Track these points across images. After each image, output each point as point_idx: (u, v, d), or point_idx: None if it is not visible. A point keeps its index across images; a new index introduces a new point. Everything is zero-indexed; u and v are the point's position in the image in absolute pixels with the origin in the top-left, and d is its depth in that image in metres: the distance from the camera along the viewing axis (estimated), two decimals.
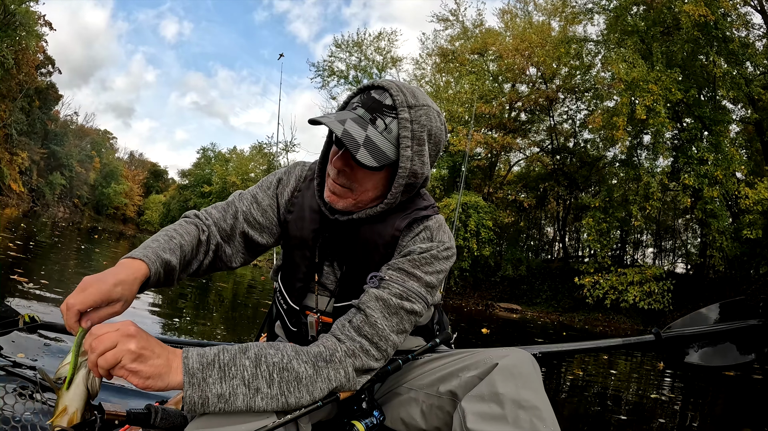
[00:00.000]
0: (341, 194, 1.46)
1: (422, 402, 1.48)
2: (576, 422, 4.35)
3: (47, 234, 17.75)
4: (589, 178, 26.68)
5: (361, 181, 1.44)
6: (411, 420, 1.50)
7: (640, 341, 2.12)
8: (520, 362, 1.30)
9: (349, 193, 1.46)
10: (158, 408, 1.54)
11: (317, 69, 34.46)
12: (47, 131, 61.58)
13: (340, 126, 1.34)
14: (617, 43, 19.95)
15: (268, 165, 50.19)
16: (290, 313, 1.69)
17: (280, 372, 1.21)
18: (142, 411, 1.52)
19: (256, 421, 1.20)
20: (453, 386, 1.39)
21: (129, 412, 1.49)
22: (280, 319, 1.79)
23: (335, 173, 1.44)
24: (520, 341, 10.86)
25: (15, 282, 5.83)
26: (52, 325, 2.12)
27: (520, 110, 28.93)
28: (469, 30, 29.13)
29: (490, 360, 1.33)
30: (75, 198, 75.37)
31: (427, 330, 1.75)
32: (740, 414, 5.26)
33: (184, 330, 6.51)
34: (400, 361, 1.49)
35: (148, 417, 1.51)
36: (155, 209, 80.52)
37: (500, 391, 1.23)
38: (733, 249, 18.24)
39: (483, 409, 1.24)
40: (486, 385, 1.28)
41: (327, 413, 1.56)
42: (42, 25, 42.57)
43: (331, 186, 1.47)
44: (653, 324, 19.29)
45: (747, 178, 17.73)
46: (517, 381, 1.25)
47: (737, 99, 18.94)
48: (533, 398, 1.22)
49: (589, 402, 5.39)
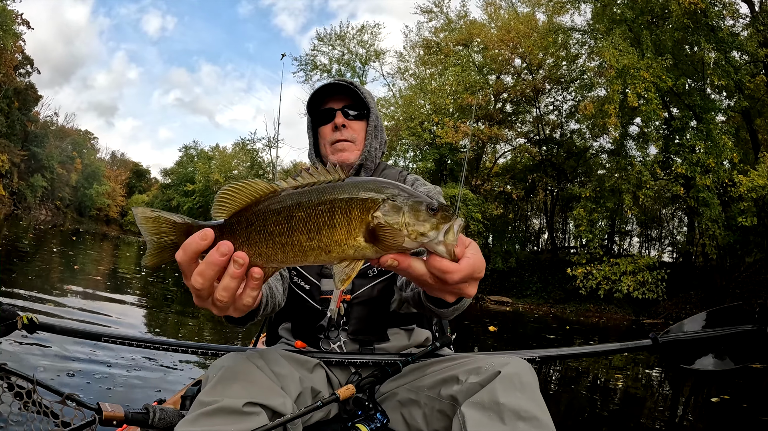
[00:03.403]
0: (348, 148, 1.95)
1: (424, 405, 1.50)
2: (577, 423, 4.31)
3: (27, 238, 17.50)
4: (576, 169, 26.80)
5: (358, 131, 1.98)
6: (413, 422, 1.52)
7: (637, 346, 2.17)
8: (521, 371, 1.32)
9: (353, 145, 1.96)
10: (156, 408, 1.59)
11: (300, 63, 34.30)
12: (27, 132, 60.80)
13: (343, 82, 1.93)
14: (605, 32, 19.93)
15: (252, 161, 50.02)
16: (311, 292, 1.86)
17: None
18: (141, 411, 1.57)
19: (248, 422, 1.25)
20: (454, 391, 1.41)
21: (127, 412, 1.54)
22: (290, 317, 1.96)
23: (339, 133, 1.95)
24: (532, 338, 10.80)
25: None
26: (51, 326, 2.07)
27: (506, 101, 28.92)
28: (454, 21, 29.11)
29: (492, 367, 1.35)
30: (57, 200, 74.55)
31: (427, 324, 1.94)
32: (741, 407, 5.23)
33: (172, 330, 6.40)
34: (400, 363, 1.56)
35: (147, 417, 1.55)
36: None
37: (501, 400, 1.25)
38: (726, 237, 18.36)
39: (483, 417, 1.25)
40: (487, 393, 1.29)
41: (326, 413, 1.58)
42: (19, 23, 41.93)
43: (339, 145, 1.95)
44: (645, 314, 19.48)
45: (738, 166, 17.81)
46: (517, 391, 1.27)
47: (726, 87, 19.02)
48: (533, 408, 1.24)
49: (588, 400, 5.35)
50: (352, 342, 1.80)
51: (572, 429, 4.06)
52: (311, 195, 0.92)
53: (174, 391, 2.85)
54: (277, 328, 2.01)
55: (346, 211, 0.90)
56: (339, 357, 1.74)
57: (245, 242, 0.94)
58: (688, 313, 18.93)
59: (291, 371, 1.50)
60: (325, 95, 2.01)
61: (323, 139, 2.00)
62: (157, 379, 4.64)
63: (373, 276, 1.84)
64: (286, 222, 0.91)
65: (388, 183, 0.95)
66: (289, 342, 1.90)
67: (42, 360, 4.52)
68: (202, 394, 1.32)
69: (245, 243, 0.94)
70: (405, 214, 0.89)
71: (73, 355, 4.95)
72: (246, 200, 0.95)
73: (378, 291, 1.82)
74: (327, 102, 2.00)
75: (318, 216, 0.90)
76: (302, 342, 1.84)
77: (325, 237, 0.90)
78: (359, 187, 0.92)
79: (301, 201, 0.92)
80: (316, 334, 1.84)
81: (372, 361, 1.71)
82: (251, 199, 0.95)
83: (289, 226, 0.91)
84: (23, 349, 4.81)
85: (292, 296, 1.89)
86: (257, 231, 0.93)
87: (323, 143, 2.00)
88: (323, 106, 2.01)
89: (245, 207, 0.96)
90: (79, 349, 5.13)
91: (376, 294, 1.82)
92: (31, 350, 4.85)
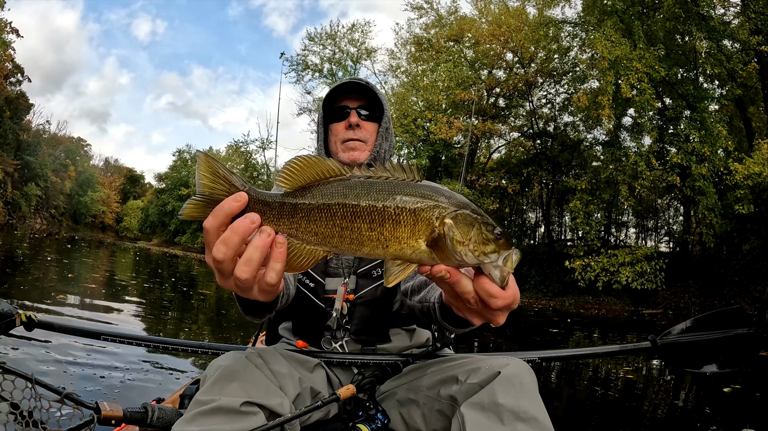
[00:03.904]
0: (359, 147, 1.94)
1: (423, 405, 1.51)
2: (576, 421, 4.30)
3: (21, 248, 17.45)
4: (571, 161, 26.85)
5: (371, 132, 1.97)
6: (412, 422, 1.53)
7: (637, 348, 2.21)
8: (520, 372, 1.33)
9: (364, 145, 1.95)
10: (155, 407, 1.60)
11: (291, 63, 34.26)
12: (20, 142, 60.59)
13: (361, 81, 1.93)
14: (596, 24, 19.92)
15: (246, 163, 49.92)
16: (315, 290, 1.86)
17: None
18: (139, 410, 1.58)
19: (246, 421, 1.25)
20: (453, 391, 1.42)
21: (125, 411, 1.55)
22: (291, 316, 1.96)
23: (351, 132, 1.94)
24: (534, 333, 10.78)
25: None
26: (50, 324, 2.09)
27: (498, 96, 28.93)
28: (444, 17, 29.09)
29: (492, 368, 1.36)
30: (51, 208, 74.37)
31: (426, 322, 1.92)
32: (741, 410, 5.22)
33: (170, 333, 6.37)
34: (400, 363, 1.58)
35: (145, 416, 1.55)
36: (134, 215, 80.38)
37: (500, 401, 1.25)
38: (723, 225, 18.40)
39: (482, 418, 1.26)
40: (486, 394, 1.30)
41: (325, 413, 1.58)
42: (9, 32, 41.75)
43: (350, 144, 1.94)
44: (644, 304, 19.52)
45: (733, 154, 17.85)
46: (516, 392, 1.28)
47: (719, 76, 19.06)
48: (532, 409, 1.25)
49: (590, 392, 5.33)
50: (354, 342, 1.80)
51: (573, 426, 4.04)
52: (384, 186, 0.92)
53: (173, 390, 2.84)
54: (277, 327, 2.01)
55: (416, 211, 0.90)
56: (340, 357, 1.74)
57: (305, 217, 0.93)
58: (687, 302, 19.05)
59: (291, 371, 1.50)
60: (340, 93, 1.99)
61: (334, 136, 1.98)
62: (156, 378, 4.64)
63: (377, 277, 1.84)
64: (352, 207, 0.91)
65: (463, 197, 0.96)
66: (290, 342, 1.91)
67: (41, 359, 4.55)
68: (200, 393, 1.32)
69: (304, 218, 0.93)
70: (474, 229, 0.90)
71: (71, 354, 4.97)
72: (314, 177, 0.95)
73: (381, 291, 1.82)
74: (341, 99, 2.00)
75: (386, 208, 0.90)
76: (303, 341, 1.85)
77: (387, 231, 0.90)
78: (435, 191, 0.93)
79: (372, 189, 0.92)
80: (318, 333, 1.84)
81: (373, 361, 1.71)
82: (319, 177, 0.95)
83: (354, 211, 0.91)
84: (22, 348, 4.83)
85: (295, 294, 1.88)
86: (320, 209, 0.92)
87: (334, 140, 1.99)
88: (337, 103, 2.00)
89: (312, 182, 0.95)
90: (77, 348, 5.15)
91: (379, 295, 1.82)
92: (30, 349, 4.87)
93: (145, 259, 27.45)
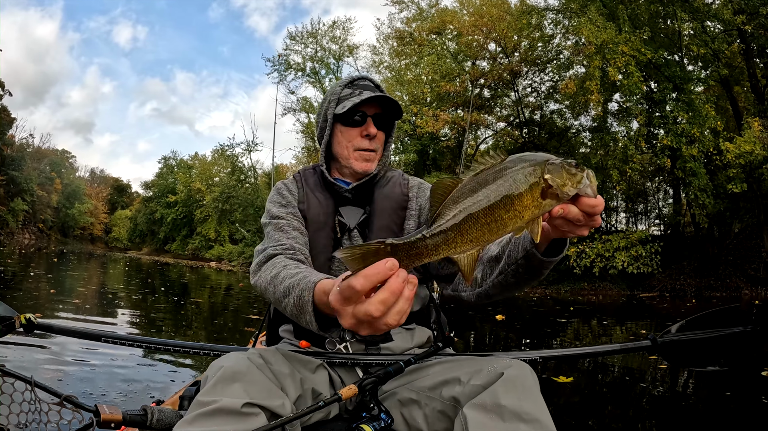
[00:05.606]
0: (372, 158, 1.90)
1: (424, 405, 1.50)
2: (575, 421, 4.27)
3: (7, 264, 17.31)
4: (559, 149, 26.95)
5: (381, 141, 1.93)
6: (414, 423, 1.52)
7: (637, 346, 2.24)
8: (523, 374, 1.34)
9: (375, 155, 1.91)
10: (154, 409, 1.59)
11: (273, 63, 34.19)
12: (4, 156, 60.13)
13: (385, 94, 1.86)
14: (579, 10, 19.94)
15: (232, 167, 49.79)
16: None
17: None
18: (138, 412, 1.57)
19: (247, 422, 1.24)
20: (456, 392, 1.42)
21: (125, 414, 1.55)
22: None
23: (367, 142, 1.87)
24: (542, 323, 10.73)
25: None
26: (49, 326, 2.09)
27: (483, 87, 28.92)
28: (425, 11, 29.14)
29: (494, 369, 1.37)
30: (39, 222, 73.82)
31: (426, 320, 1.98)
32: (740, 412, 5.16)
33: (168, 338, 6.28)
34: (402, 363, 1.56)
35: (145, 418, 1.55)
36: (122, 225, 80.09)
37: (503, 403, 1.26)
38: (716, 205, 18.48)
39: (485, 419, 1.26)
40: (489, 395, 1.30)
41: (326, 413, 1.57)
42: None
43: (366, 154, 1.88)
44: (640, 288, 19.59)
45: (723, 134, 17.95)
46: (519, 394, 1.29)
47: (704, 57, 19.13)
48: (534, 410, 1.26)
49: (590, 383, 5.29)
50: (358, 342, 1.80)
51: (573, 426, 3.99)
52: (497, 174, 1.02)
53: (172, 392, 2.80)
54: (278, 329, 1.99)
55: (526, 179, 1.01)
56: (344, 357, 1.74)
57: (458, 233, 1.01)
58: (683, 284, 19.15)
59: (292, 371, 1.50)
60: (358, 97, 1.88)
61: (346, 140, 1.89)
62: (156, 380, 4.62)
63: None
64: (487, 202, 1.00)
65: (539, 153, 1.07)
66: (292, 342, 1.89)
67: (40, 362, 4.58)
68: (201, 394, 1.31)
69: (459, 234, 1.01)
70: (564, 171, 1.02)
71: (71, 357, 5.00)
72: (440, 198, 1.04)
73: None
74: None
75: (508, 190, 1.01)
76: (306, 341, 1.84)
77: (518, 205, 1.01)
78: (525, 159, 1.03)
79: (489, 180, 1.02)
80: (323, 335, 1.76)
81: (376, 361, 1.72)
82: (444, 196, 1.04)
83: (490, 205, 1.00)
84: (22, 350, 4.87)
85: None
86: (465, 220, 1.01)
87: (345, 144, 1.89)
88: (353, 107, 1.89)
89: (443, 204, 1.04)
90: (77, 351, 5.19)
91: None
92: (30, 351, 4.91)
93: (135, 269, 27.30)
